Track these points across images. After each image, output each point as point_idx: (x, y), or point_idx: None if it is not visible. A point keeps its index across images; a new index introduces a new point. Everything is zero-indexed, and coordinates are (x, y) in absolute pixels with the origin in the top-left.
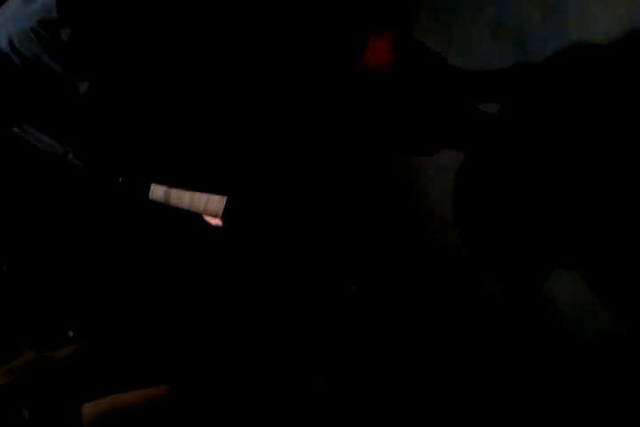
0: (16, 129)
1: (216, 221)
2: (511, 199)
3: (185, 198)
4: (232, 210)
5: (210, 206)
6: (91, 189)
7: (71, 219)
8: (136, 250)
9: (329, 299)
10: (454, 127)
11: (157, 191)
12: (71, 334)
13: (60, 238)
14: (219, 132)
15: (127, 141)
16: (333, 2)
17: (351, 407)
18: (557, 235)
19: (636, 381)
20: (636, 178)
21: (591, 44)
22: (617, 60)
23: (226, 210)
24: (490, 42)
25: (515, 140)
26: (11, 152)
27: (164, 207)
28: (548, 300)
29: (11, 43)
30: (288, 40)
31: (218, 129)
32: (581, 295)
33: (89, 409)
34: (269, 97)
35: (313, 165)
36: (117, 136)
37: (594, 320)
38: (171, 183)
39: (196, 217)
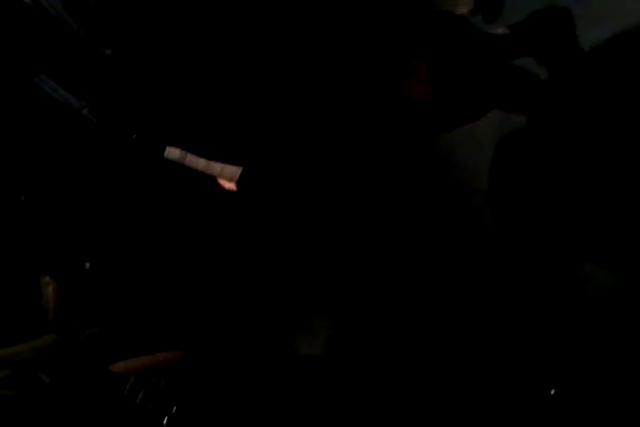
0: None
1: (230, 186)
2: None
3: (201, 160)
4: (248, 177)
5: (226, 170)
6: (103, 143)
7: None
8: (144, 208)
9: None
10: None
11: (173, 151)
12: (87, 265)
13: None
14: (239, 102)
15: (146, 103)
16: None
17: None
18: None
19: None
20: None
21: None
22: None
23: (242, 176)
24: None
25: None
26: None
27: (178, 167)
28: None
29: None
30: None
31: (238, 99)
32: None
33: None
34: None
35: (337, 135)
36: (137, 97)
37: None
38: (186, 148)
39: (209, 180)
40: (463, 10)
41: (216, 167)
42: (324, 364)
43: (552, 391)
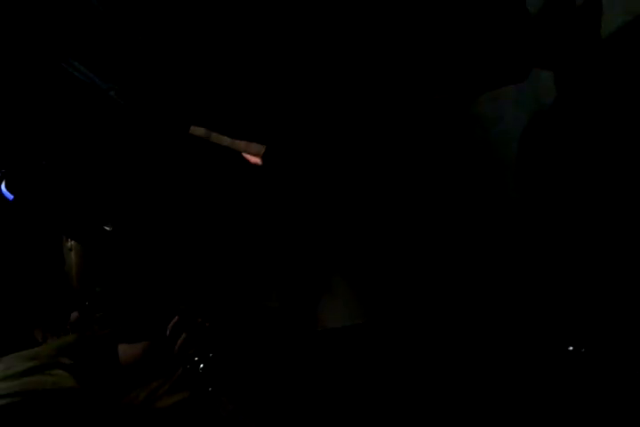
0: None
1: (255, 160)
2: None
3: (225, 137)
4: (274, 152)
5: (251, 146)
6: (129, 121)
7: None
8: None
9: None
10: None
11: (198, 128)
12: (108, 228)
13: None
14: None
15: (170, 85)
16: None
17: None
18: None
19: None
20: None
21: None
22: None
23: (268, 151)
24: None
25: None
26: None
27: (203, 142)
28: None
29: None
30: None
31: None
32: None
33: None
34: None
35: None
36: (163, 83)
37: None
38: (210, 127)
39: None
40: None
41: (240, 144)
42: (345, 327)
43: (570, 348)
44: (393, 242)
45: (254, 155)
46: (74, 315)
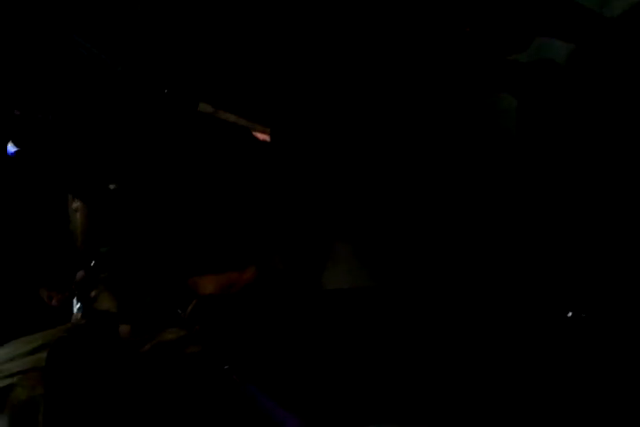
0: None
1: (264, 137)
2: None
3: (231, 115)
4: (281, 129)
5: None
6: (136, 96)
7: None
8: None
9: None
10: None
11: (205, 106)
12: (113, 186)
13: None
14: None
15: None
16: None
17: None
18: None
19: None
20: None
21: None
22: None
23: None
24: None
25: None
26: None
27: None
28: None
29: None
30: None
31: None
32: None
33: None
34: None
35: None
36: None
37: None
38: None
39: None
40: None
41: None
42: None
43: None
44: (396, 211)
45: (262, 132)
46: (79, 274)
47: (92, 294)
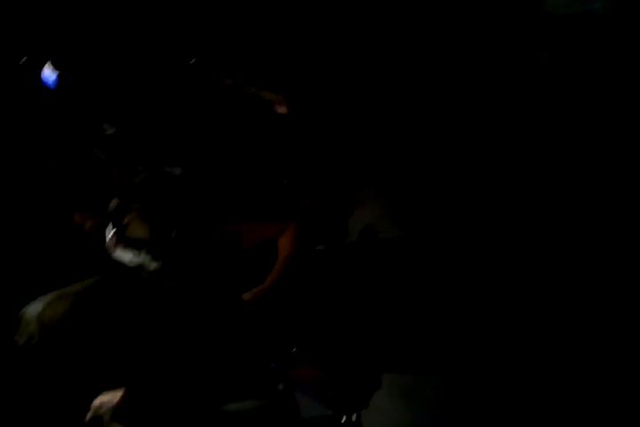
0: None
1: (282, 109)
2: None
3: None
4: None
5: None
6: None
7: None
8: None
9: None
10: None
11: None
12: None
13: None
14: None
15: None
16: None
17: None
18: None
19: None
20: None
21: None
22: None
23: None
24: None
25: None
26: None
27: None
28: None
29: None
30: None
31: None
32: None
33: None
34: None
35: None
36: None
37: None
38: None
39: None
40: None
41: (265, 93)
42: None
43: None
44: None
45: (280, 104)
46: (113, 203)
47: (125, 220)
